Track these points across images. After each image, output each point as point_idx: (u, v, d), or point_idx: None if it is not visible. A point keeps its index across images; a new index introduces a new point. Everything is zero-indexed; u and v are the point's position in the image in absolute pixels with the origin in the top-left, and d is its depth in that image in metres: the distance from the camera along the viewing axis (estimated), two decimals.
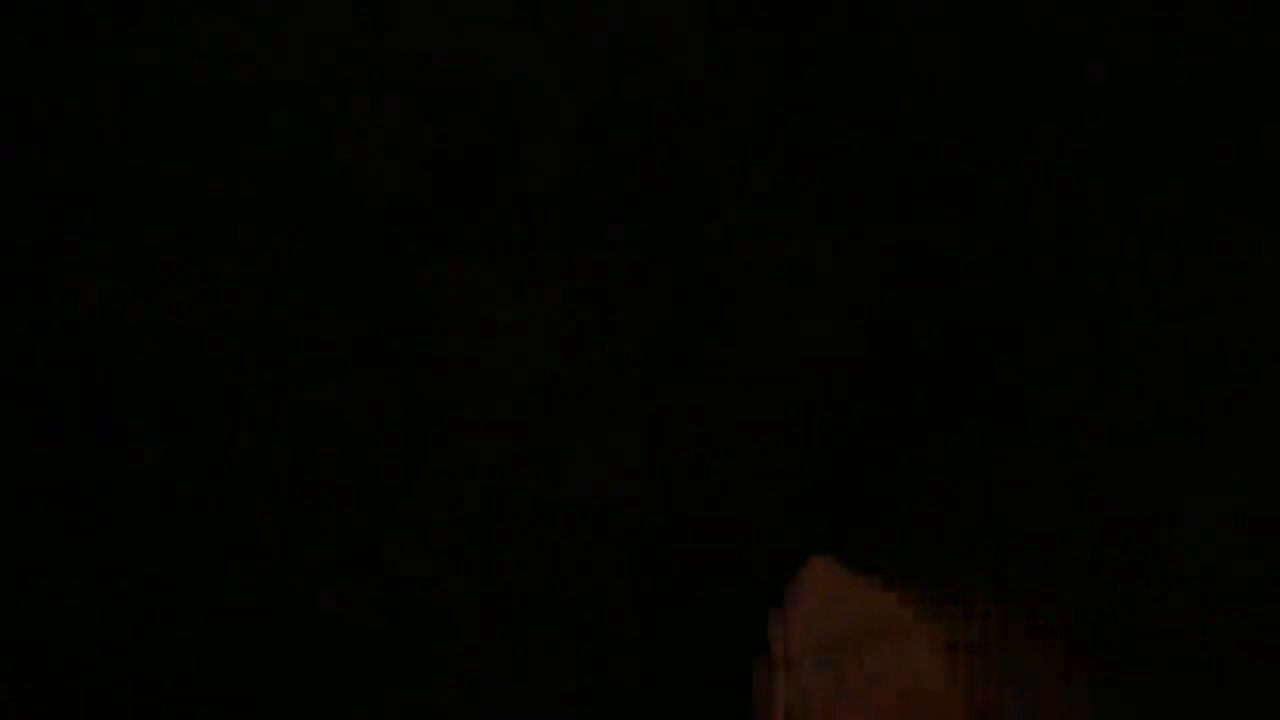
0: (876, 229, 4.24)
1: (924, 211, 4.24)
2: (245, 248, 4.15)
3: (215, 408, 4.16)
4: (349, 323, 4.17)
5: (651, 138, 4.17)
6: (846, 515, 4.28)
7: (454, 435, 4.19)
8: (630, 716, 4.20)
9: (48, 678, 4.09)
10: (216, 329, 4.15)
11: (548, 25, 4.11)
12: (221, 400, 4.17)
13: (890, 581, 3.75)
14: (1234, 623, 4.13)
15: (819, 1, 4.17)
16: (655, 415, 4.22)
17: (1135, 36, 4.18)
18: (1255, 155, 4.19)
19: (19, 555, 4.12)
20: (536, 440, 4.21)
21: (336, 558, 4.18)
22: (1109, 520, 4.21)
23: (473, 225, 4.16)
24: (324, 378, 4.18)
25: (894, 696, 3.72)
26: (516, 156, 4.15)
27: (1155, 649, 4.14)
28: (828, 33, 4.19)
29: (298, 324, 4.17)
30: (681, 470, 4.22)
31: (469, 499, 4.20)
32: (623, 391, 4.21)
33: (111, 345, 4.14)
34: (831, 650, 3.80)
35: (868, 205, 4.24)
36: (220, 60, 4.10)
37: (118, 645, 4.13)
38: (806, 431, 4.26)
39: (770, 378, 4.25)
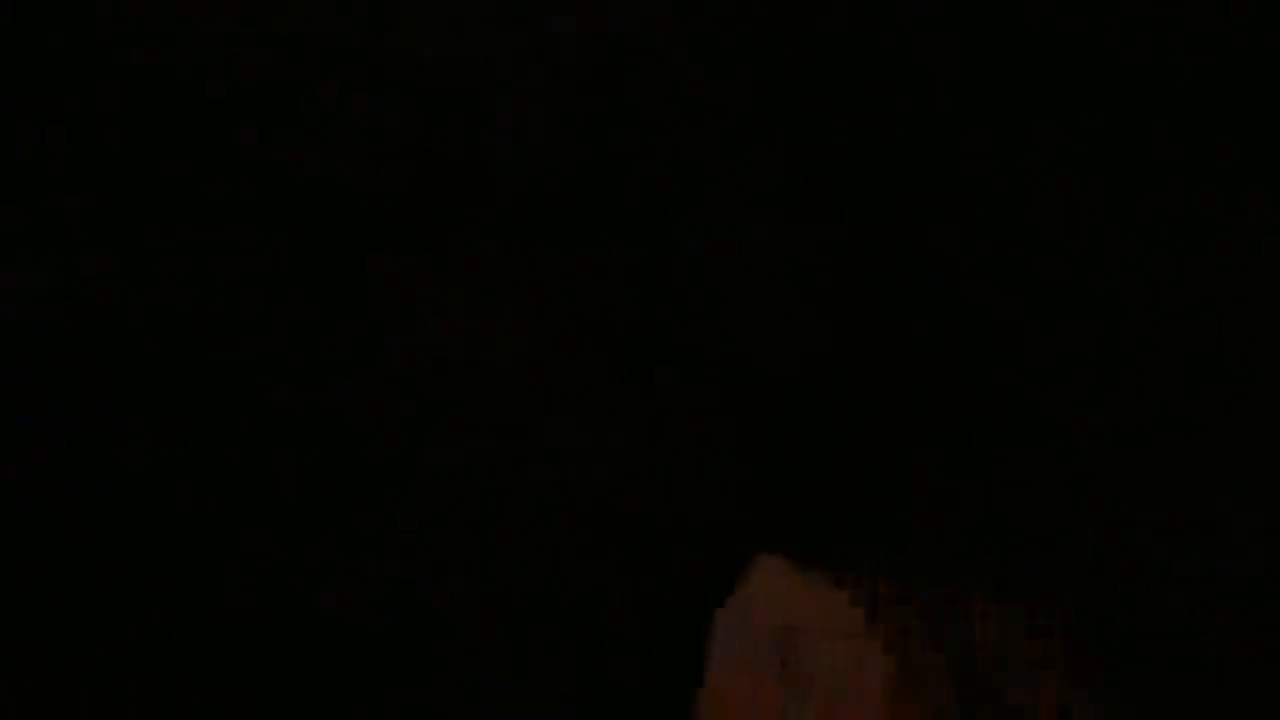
0: (876, 228, 4.24)
1: (924, 211, 4.24)
2: (245, 249, 4.15)
3: (214, 409, 4.16)
4: (346, 323, 4.17)
5: (641, 138, 4.17)
6: (844, 514, 4.28)
7: (451, 434, 4.19)
8: (630, 716, 4.20)
9: (48, 678, 4.09)
10: (215, 330, 4.15)
11: (542, 28, 4.11)
12: (220, 401, 4.16)
13: (844, 580, 3.75)
14: (1234, 623, 4.13)
15: (818, 1, 4.17)
16: (640, 412, 4.21)
17: (1135, 36, 4.18)
18: (1255, 155, 4.19)
19: (19, 555, 4.12)
20: (529, 438, 4.21)
21: (336, 558, 4.18)
22: (1109, 520, 4.21)
23: (471, 225, 4.16)
24: (324, 378, 4.18)
25: (840, 696, 3.72)
26: (507, 158, 4.14)
27: (1155, 649, 4.14)
28: (828, 32, 4.18)
29: (298, 326, 4.17)
30: (668, 468, 4.22)
31: (455, 497, 4.20)
32: (605, 388, 4.20)
33: (111, 346, 4.14)
34: (777, 649, 3.80)
35: (867, 205, 4.24)
36: (212, 60, 4.10)
37: (118, 645, 4.13)
38: (797, 430, 4.26)
39: (755, 376, 4.25)
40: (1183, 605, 4.14)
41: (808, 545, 4.27)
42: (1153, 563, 4.17)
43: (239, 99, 4.11)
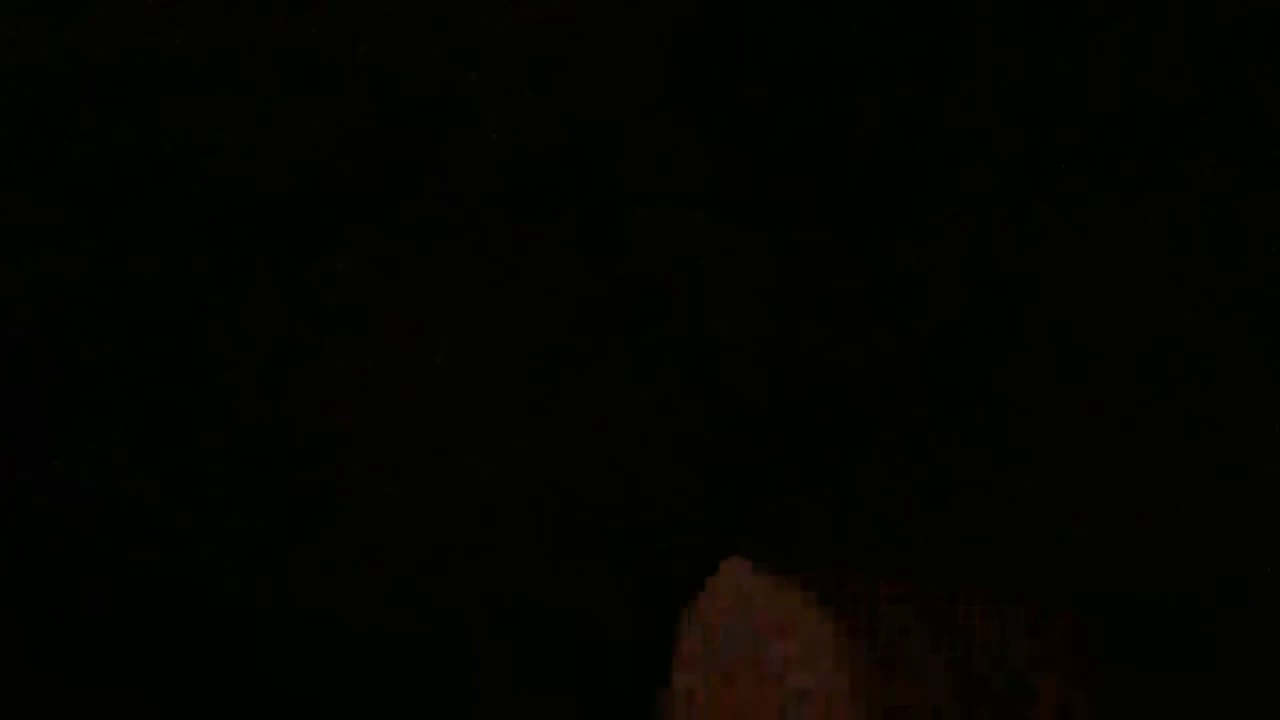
0: (873, 230, 4.24)
1: (923, 212, 4.25)
2: (213, 248, 4.15)
3: (213, 408, 4.17)
4: (329, 323, 4.17)
5: (638, 135, 4.17)
6: (842, 514, 4.28)
7: (447, 433, 4.19)
8: (626, 715, 4.20)
9: (48, 678, 4.09)
10: (194, 330, 4.15)
11: (508, 23, 4.11)
12: (218, 401, 4.17)
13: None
14: (1234, 623, 4.13)
15: (817, 2, 4.17)
16: (635, 411, 4.21)
17: (1133, 37, 4.18)
18: (1254, 158, 4.19)
19: (19, 555, 4.12)
20: (527, 437, 4.21)
21: (335, 559, 4.18)
22: (1109, 520, 4.21)
23: (406, 216, 4.16)
24: (303, 382, 4.18)
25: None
26: (482, 155, 4.14)
27: (1155, 649, 4.14)
28: (824, 33, 4.18)
29: (281, 325, 4.17)
30: (662, 468, 4.22)
31: (450, 496, 4.20)
32: (599, 387, 4.20)
33: (83, 340, 4.14)
34: (741, 649, 3.81)
35: (864, 207, 4.24)
36: (180, 61, 4.10)
37: (118, 645, 4.13)
38: (792, 431, 4.26)
39: (751, 377, 4.25)
40: (1183, 605, 4.15)
41: (805, 545, 4.27)
42: (1152, 562, 4.17)
43: (208, 99, 4.11)
